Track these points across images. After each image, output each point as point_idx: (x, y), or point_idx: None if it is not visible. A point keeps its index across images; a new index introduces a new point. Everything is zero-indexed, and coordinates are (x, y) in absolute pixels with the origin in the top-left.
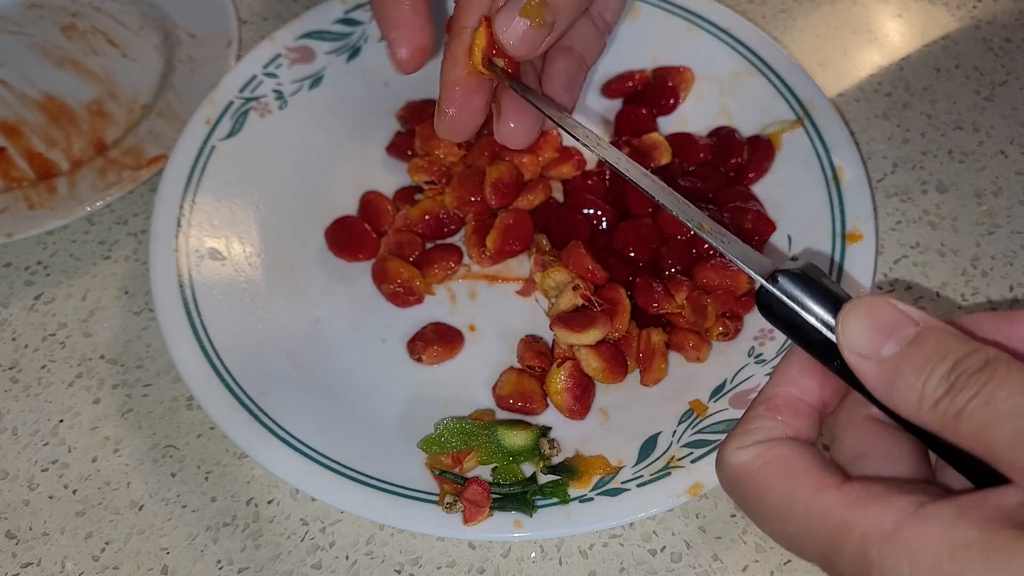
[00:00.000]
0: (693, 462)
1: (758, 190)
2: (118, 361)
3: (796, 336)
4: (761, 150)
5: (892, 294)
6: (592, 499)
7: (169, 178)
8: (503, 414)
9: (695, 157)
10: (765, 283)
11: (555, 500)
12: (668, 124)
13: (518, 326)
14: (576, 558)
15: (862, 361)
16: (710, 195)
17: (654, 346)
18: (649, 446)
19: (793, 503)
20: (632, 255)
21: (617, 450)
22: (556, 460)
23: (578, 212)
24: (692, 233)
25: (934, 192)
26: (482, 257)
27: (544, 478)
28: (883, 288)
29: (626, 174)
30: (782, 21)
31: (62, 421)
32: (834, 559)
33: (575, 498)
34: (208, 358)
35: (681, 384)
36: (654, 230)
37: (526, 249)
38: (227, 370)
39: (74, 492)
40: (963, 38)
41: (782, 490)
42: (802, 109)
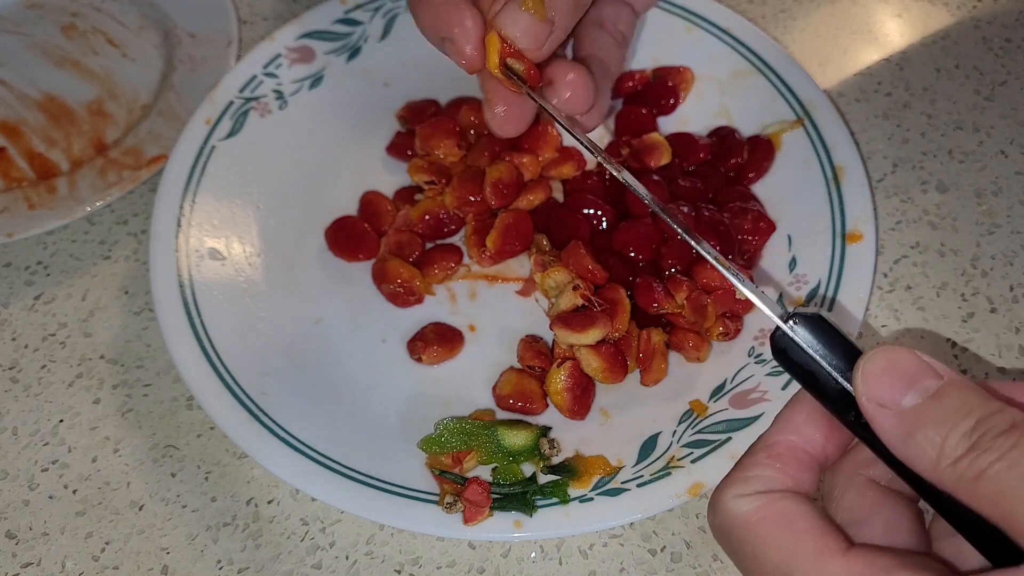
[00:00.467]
0: (693, 462)
1: (758, 190)
2: (118, 361)
3: (809, 383)
4: (761, 150)
5: (892, 294)
6: (592, 499)
7: (169, 178)
8: (503, 414)
9: (695, 157)
10: (783, 325)
11: (555, 500)
12: (668, 124)
13: (518, 326)
14: (576, 558)
15: (880, 411)
16: (710, 195)
17: (654, 346)
18: (649, 446)
19: (793, 565)
20: (632, 255)
21: (617, 450)
22: (556, 460)
23: (578, 212)
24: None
25: (934, 192)
26: (482, 257)
27: (544, 478)
28: (883, 288)
29: (636, 190)
30: (782, 21)
31: (62, 421)
32: None
33: (575, 498)
34: (208, 358)
35: (681, 384)
36: (654, 230)
37: (526, 249)
38: (227, 370)
39: (74, 492)
40: (963, 38)
41: (782, 549)
42: (802, 109)
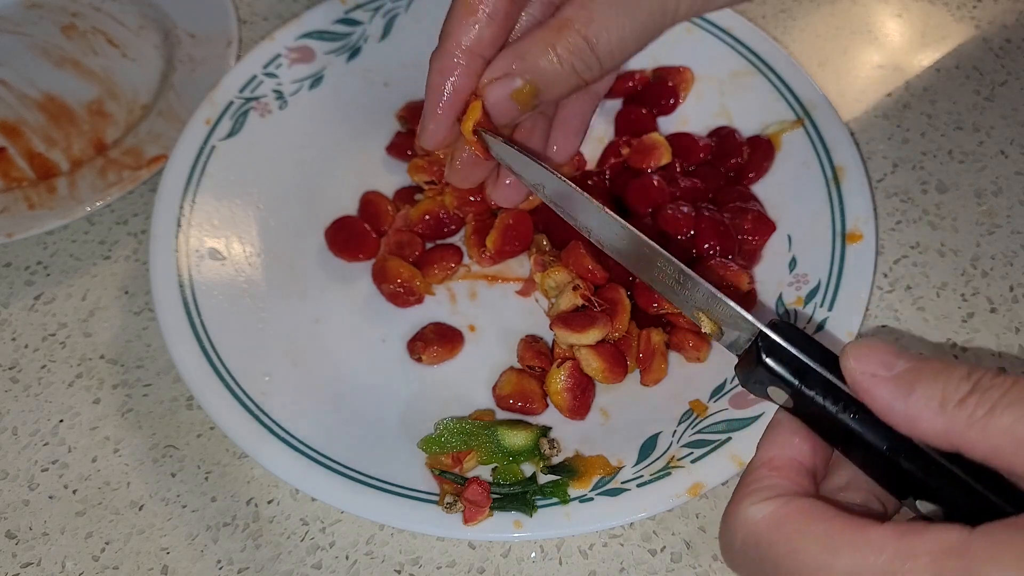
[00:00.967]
0: (693, 462)
1: (758, 190)
2: (118, 361)
3: (794, 386)
4: (761, 150)
5: (892, 294)
6: (592, 499)
7: (169, 178)
8: (503, 414)
9: (695, 157)
10: (765, 329)
11: (555, 500)
12: (668, 124)
13: (518, 326)
14: (576, 558)
15: (875, 380)
16: (710, 195)
17: (654, 346)
18: (649, 446)
19: (838, 544)
20: None
21: (617, 450)
22: (556, 460)
23: None
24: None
25: (934, 192)
26: (482, 257)
27: (544, 478)
28: (883, 288)
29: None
30: (782, 21)
31: (62, 421)
32: None
33: (575, 498)
34: (208, 358)
35: (681, 384)
36: (654, 230)
37: (526, 249)
38: (227, 370)
39: (74, 492)
40: (963, 38)
41: (819, 537)
42: (802, 109)
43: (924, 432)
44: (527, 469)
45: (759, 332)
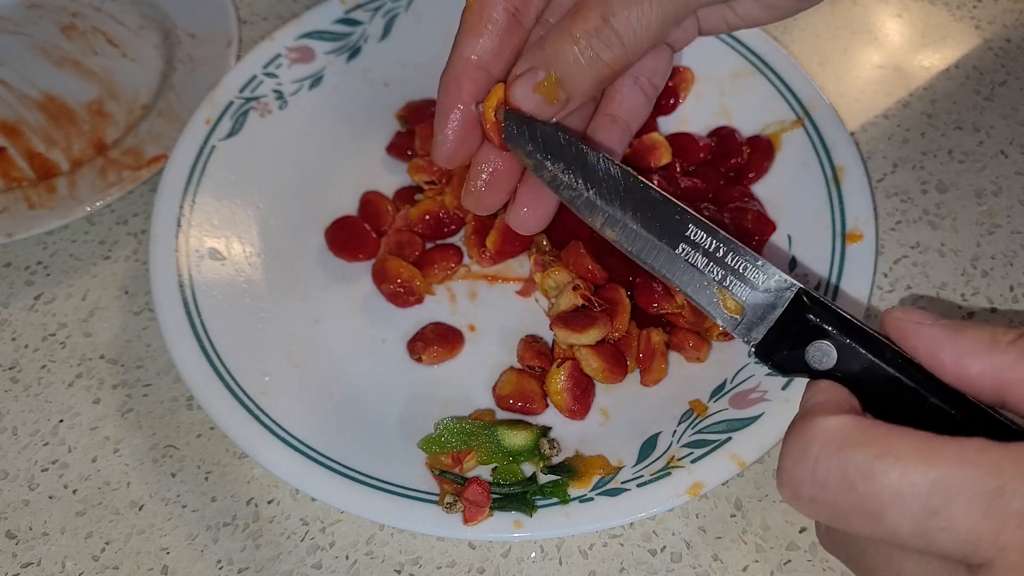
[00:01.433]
0: (693, 462)
1: (758, 190)
2: (118, 361)
3: (839, 339)
4: (761, 150)
5: (892, 294)
6: (592, 499)
7: (169, 178)
8: (503, 414)
9: (695, 157)
10: (810, 291)
11: (555, 500)
12: (668, 124)
13: (518, 326)
14: (576, 558)
15: (921, 325)
16: (710, 195)
17: (654, 346)
18: (649, 446)
19: (938, 446)
20: None
21: (617, 450)
22: (556, 460)
23: None
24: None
25: (934, 192)
26: (482, 257)
27: (544, 478)
28: (883, 288)
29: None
30: (782, 21)
31: (62, 421)
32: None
33: (575, 498)
34: (208, 358)
35: (681, 384)
36: None
37: (526, 249)
38: (227, 370)
39: (74, 492)
40: (963, 38)
41: (917, 436)
42: (802, 109)
43: (972, 373)
44: (527, 469)
45: (799, 289)
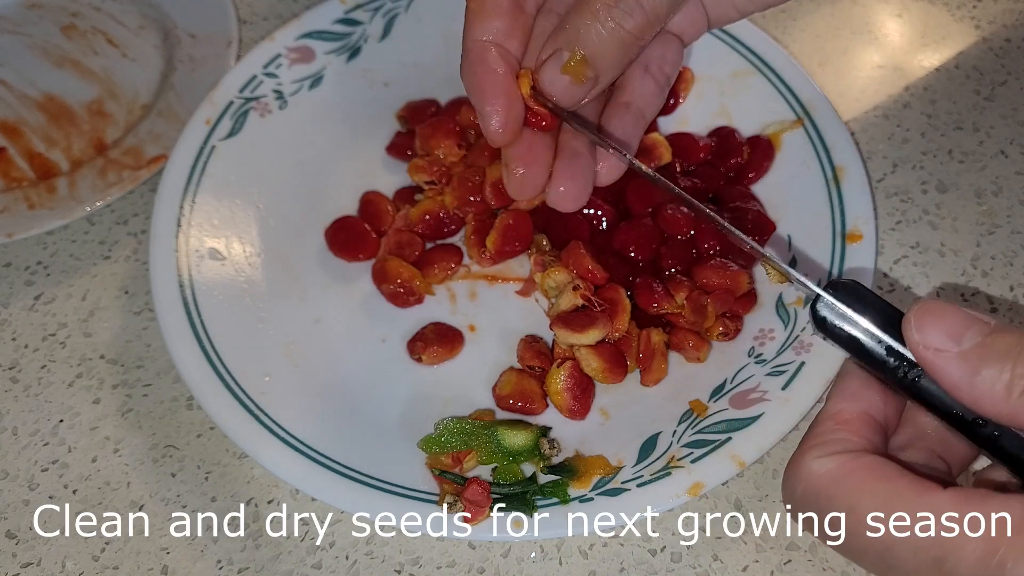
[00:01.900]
0: (693, 462)
1: (758, 190)
2: (118, 361)
3: (854, 347)
4: (761, 150)
5: (892, 294)
6: (592, 499)
7: (169, 178)
8: (503, 414)
9: (695, 157)
10: (823, 293)
11: (555, 500)
12: (668, 124)
13: (518, 326)
14: (576, 558)
15: (940, 356)
16: (710, 195)
17: (654, 346)
18: (649, 446)
19: (895, 506)
20: (632, 255)
21: (617, 450)
22: (556, 460)
23: (578, 212)
24: (692, 233)
25: (934, 192)
26: (482, 257)
27: (544, 478)
28: (883, 288)
29: (684, 195)
30: (782, 21)
31: (62, 421)
32: (951, 561)
33: (575, 498)
34: (208, 358)
35: (681, 384)
36: (654, 230)
37: (526, 249)
38: (227, 370)
39: (74, 492)
40: (963, 38)
41: (879, 494)
42: (802, 109)
43: (988, 413)
44: (527, 469)
45: (816, 295)
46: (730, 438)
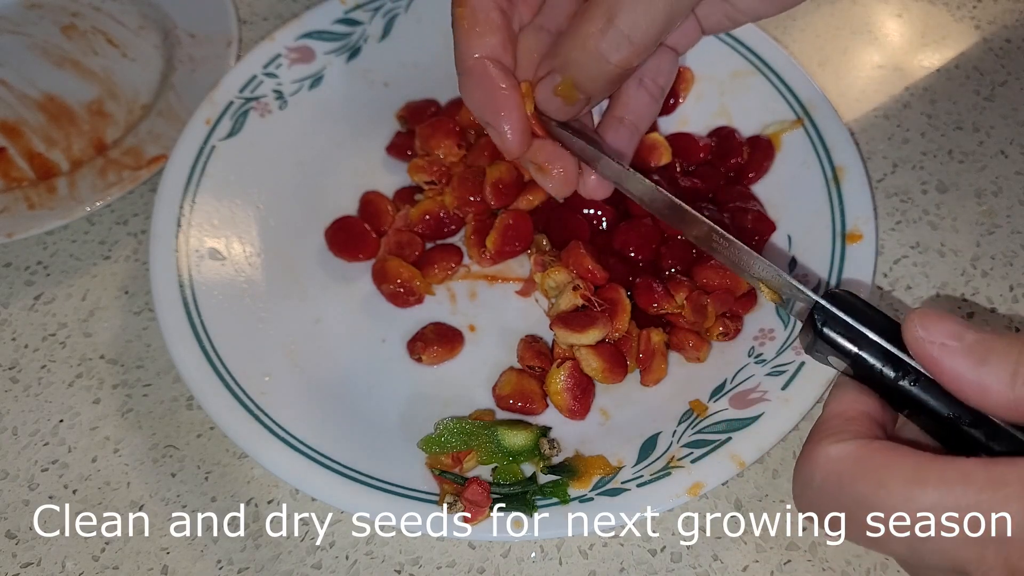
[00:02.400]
0: (693, 462)
1: (758, 190)
2: (118, 361)
3: (853, 354)
4: (761, 150)
5: (893, 294)
6: (592, 499)
7: (169, 178)
8: (503, 414)
9: (695, 157)
10: (821, 300)
11: (555, 500)
12: (668, 124)
13: (518, 326)
14: (576, 558)
15: (946, 348)
16: (710, 195)
17: (654, 346)
18: (649, 446)
19: (926, 475)
20: (632, 255)
21: (617, 450)
22: (556, 460)
23: (578, 212)
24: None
25: (934, 192)
26: (482, 257)
27: (544, 478)
28: (883, 288)
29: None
30: (782, 21)
31: (62, 421)
32: (987, 524)
33: (575, 498)
34: (208, 358)
35: (681, 384)
36: (654, 230)
37: (526, 249)
38: (227, 370)
39: (74, 492)
40: (963, 38)
41: (908, 466)
42: (802, 109)
43: (993, 404)
44: (527, 469)
45: (815, 303)
46: (730, 438)
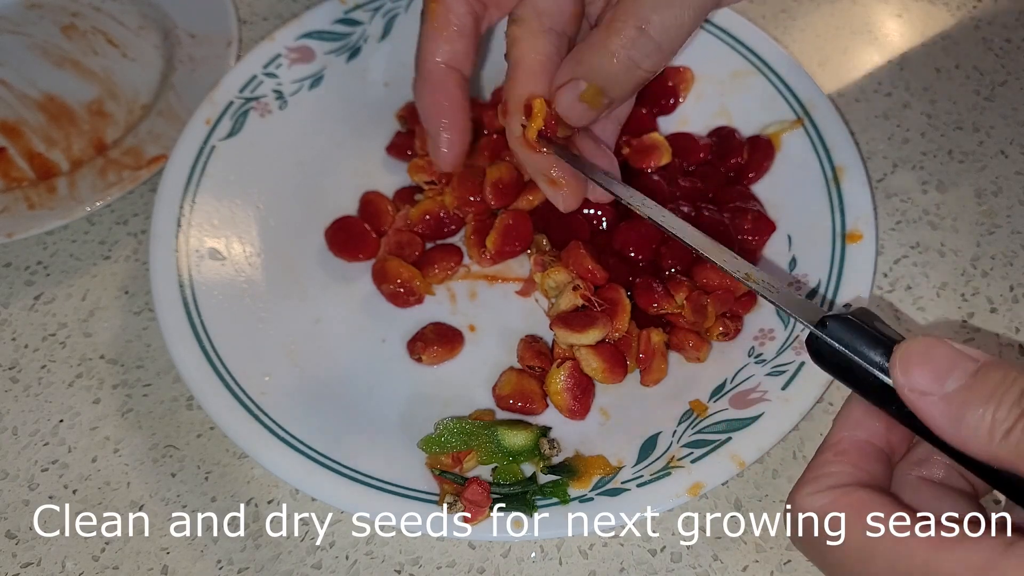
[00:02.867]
0: (693, 462)
1: (758, 190)
2: (118, 361)
3: (851, 382)
4: (761, 150)
5: (893, 294)
6: (592, 499)
7: (169, 178)
8: (503, 414)
9: (695, 157)
10: (814, 329)
11: (555, 500)
12: (668, 124)
13: (518, 326)
14: (576, 558)
15: (924, 399)
16: (710, 195)
17: (654, 346)
18: (649, 446)
19: (875, 546)
20: (632, 255)
21: (617, 450)
22: (556, 460)
23: (578, 212)
24: None
25: (934, 192)
26: (482, 257)
27: (544, 478)
28: (883, 288)
29: (671, 230)
30: (782, 21)
31: (62, 421)
32: None
33: (575, 498)
34: (208, 358)
35: (681, 384)
36: (654, 230)
37: (526, 249)
38: (227, 370)
39: (74, 492)
40: (963, 38)
41: (861, 533)
42: (802, 109)
43: (976, 457)
44: (527, 469)
45: (810, 333)
46: (730, 438)
